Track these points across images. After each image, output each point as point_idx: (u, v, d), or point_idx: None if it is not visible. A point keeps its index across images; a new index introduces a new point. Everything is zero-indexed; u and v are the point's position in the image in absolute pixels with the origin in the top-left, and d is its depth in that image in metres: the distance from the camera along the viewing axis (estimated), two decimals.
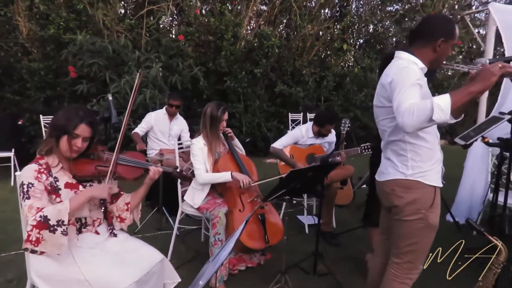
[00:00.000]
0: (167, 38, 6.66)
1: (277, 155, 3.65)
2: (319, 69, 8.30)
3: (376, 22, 9.41)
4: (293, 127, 6.45)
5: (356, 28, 9.29)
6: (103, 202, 1.82)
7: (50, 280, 1.70)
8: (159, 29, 6.81)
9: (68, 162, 1.80)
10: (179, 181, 2.94)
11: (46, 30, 5.82)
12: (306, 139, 3.71)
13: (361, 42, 9.74)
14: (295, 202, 4.36)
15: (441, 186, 1.78)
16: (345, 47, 8.43)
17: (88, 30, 6.08)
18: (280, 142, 3.61)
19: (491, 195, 3.08)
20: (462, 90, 1.49)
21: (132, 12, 7.11)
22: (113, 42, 5.91)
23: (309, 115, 6.59)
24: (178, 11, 7.51)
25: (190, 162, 2.91)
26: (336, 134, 3.86)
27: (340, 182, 4.04)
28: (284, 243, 2.49)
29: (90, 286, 1.63)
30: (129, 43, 6.01)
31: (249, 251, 2.73)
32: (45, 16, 5.99)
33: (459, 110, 1.78)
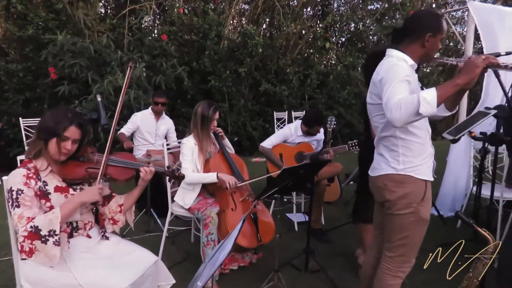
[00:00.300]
0: (150, 37, 6.57)
1: (266, 155, 3.66)
2: (303, 67, 8.34)
3: (357, 20, 9.53)
4: (278, 126, 6.48)
5: (338, 26, 9.38)
6: (95, 204, 1.79)
7: (40, 285, 1.65)
8: (141, 28, 6.70)
9: (57, 165, 1.76)
10: (168, 182, 2.91)
11: (25, 31, 5.64)
12: (295, 137, 3.73)
13: (343, 40, 9.84)
14: (286, 200, 4.38)
15: (432, 180, 1.83)
16: (327, 45, 8.50)
17: (68, 30, 5.91)
18: (269, 141, 3.62)
19: (474, 187, 3.17)
20: (448, 83, 1.53)
21: (114, 11, 6.97)
22: (94, 42, 5.77)
23: (294, 114, 6.63)
24: (161, 11, 7.41)
25: (178, 162, 2.89)
26: (323, 132, 3.91)
27: (327, 179, 4.09)
28: (277, 241, 2.50)
29: None
30: (111, 43, 5.88)
31: (242, 250, 2.73)
32: (23, 16, 5.82)
33: (451, 103, 1.83)
